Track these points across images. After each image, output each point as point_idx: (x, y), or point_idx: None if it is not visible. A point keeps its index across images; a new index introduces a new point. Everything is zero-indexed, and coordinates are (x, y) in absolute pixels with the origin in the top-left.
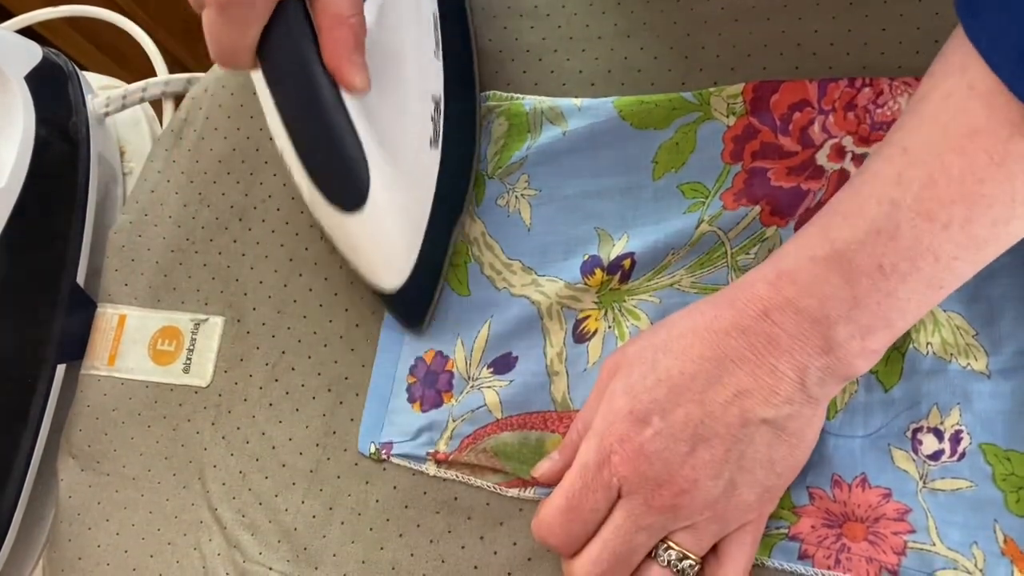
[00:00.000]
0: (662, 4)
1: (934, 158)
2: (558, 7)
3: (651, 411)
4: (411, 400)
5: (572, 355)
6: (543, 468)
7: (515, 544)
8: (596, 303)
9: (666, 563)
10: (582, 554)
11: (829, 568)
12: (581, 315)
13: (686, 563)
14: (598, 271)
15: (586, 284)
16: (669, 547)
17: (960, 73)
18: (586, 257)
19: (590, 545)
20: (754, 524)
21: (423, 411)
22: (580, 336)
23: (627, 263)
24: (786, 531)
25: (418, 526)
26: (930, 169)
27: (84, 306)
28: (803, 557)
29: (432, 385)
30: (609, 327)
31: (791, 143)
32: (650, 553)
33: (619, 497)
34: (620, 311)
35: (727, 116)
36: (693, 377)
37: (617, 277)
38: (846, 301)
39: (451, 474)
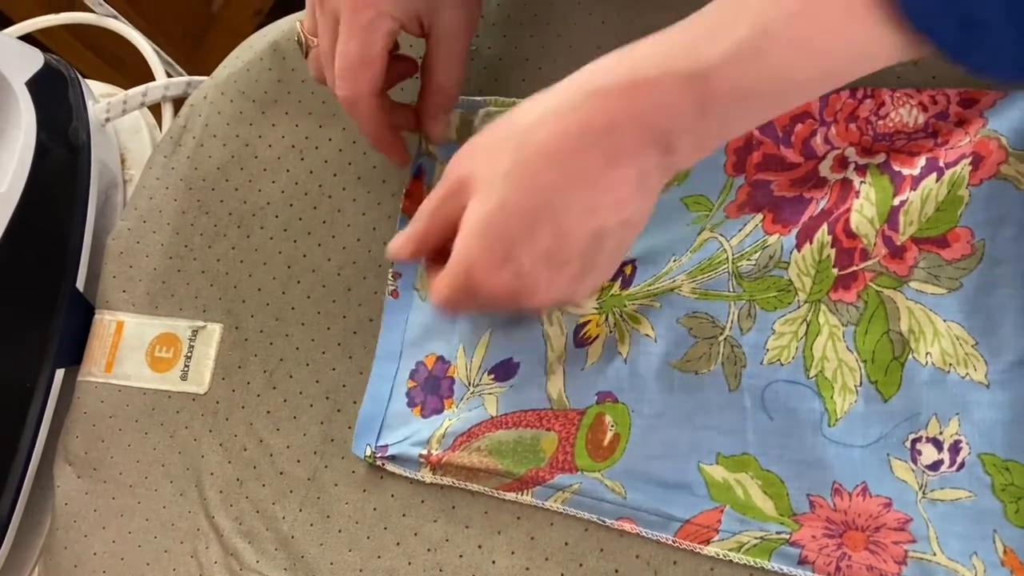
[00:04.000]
0: (662, 14)
1: None
2: (558, 16)
3: (511, 247)
4: (411, 404)
5: (571, 356)
6: (396, 242)
7: (513, 553)
8: (597, 308)
9: None
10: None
11: (829, 574)
12: (582, 320)
13: None
14: None
15: None
16: None
17: None
18: None
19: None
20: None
21: (423, 416)
22: (581, 341)
23: (628, 269)
24: (787, 537)
25: (416, 535)
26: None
27: (84, 311)
28: (803, 563)
29: (435, 391)
30: (610, 331)
31: (793, 155)
32: None
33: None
34: (621, 316)
35: None
36: (545, 207)
37: (618, 283)
38: (695, 117)
39: (447, 480)
